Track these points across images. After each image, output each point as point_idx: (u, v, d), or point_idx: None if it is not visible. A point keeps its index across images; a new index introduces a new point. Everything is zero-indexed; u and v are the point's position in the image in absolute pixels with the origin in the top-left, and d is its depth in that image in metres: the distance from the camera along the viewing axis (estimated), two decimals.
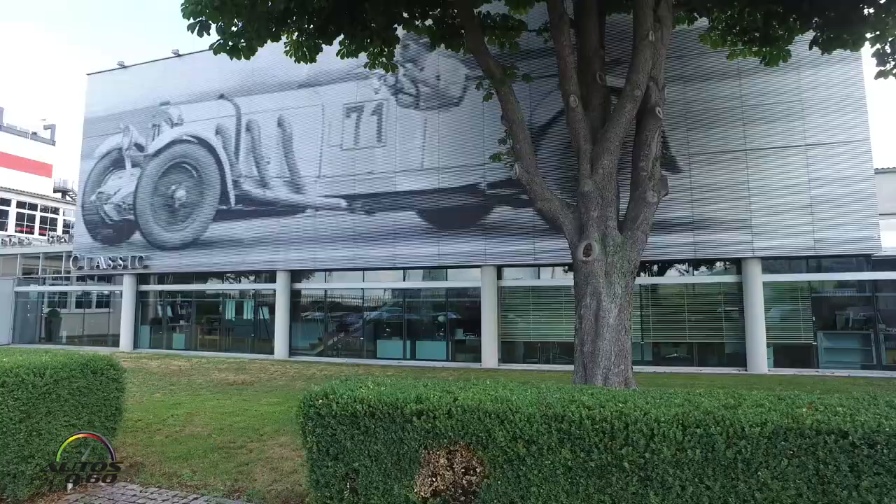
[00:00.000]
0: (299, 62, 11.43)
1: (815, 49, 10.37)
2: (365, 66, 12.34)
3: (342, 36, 11.04)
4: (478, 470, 3.43)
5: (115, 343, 19.82)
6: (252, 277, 18.39)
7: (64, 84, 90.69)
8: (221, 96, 18.31)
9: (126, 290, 19.40)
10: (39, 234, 28.92)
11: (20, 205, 30.37)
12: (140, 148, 19.38)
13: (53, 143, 42.76)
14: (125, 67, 20.14)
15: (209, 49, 9.39)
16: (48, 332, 22.21)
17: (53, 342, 21.72)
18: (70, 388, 5.15)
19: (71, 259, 19.86)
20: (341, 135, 16.57)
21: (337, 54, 11.48)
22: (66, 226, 32.57)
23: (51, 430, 5.00)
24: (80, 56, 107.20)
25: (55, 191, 40.93)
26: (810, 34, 10.66)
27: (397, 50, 16.12)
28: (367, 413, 3.64)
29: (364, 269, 16.41)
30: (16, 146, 38.06)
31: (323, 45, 11.21)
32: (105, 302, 22.86)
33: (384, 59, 12.09)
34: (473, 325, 15.77)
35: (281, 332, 16.92)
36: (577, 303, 8.69)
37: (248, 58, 9.27)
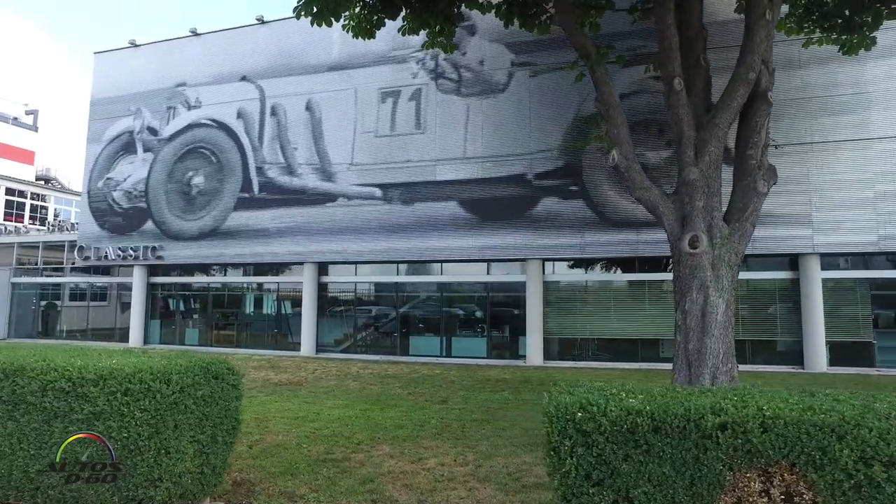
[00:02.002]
0: (357, 37, 10.68)
1: (876, 40, 10.04)
2: (423, 46, 11.60)
3: (405, 11, 10.35)
4: (805, 496, 2.79)
5: (123, 338, 18.70)
6: (276, 270, 17.44)
7: (42, 70, 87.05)
8: (244, 78, 17.32)
9: (136, 282, 18.30)
10: (29, 223, 27.41)
11: (9, 192, 28.78)
12: (153, 132, 18.28)
13: (36, 130, 40.90)
14: (136, 46, 18.98)
15: (293, 14, 8.58)
16: (45, 325, 20.94)
17: (51, 337, 20.46)
18: (195, 398, 4.35)
19: (76, 249, 18.67)
20: (376, 120, 15.76)
21: (399, 30, 10.75)
22: (55, 214, 31.01)
23: (178, 447, 4.20)
24: (55, 42, 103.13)
25: (37, 178, 39.16)
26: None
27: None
28: (650, 428, 2.97)
29: (400, 262, 15.66)
30: None
31: (386, 21, 10.56)
32: (101, 295, 21.67)
33: (443, 39, 11.36)
34: (515, 322, 15.17)
35: (308, 327, 16.07)
36: (680, 297, 8.10)
37: (329, 24, 8.50)
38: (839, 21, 10.55)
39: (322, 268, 16.47)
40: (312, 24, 8.40)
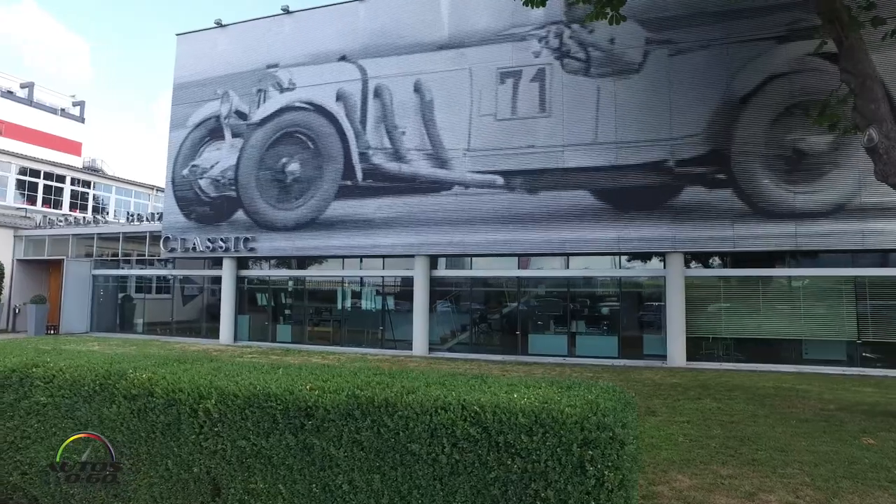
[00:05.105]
0: (527, 5, 9.67)
1: None
2: (587, 17, 10.43)
3: None
4: None
5: (210, 334, 17.90)
6: (378, 262, 16.42)
7: (77, 61, 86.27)
8: (343, 58, 16.26)
9: (226, 275, 17.42)
10: (93, 213, 26.71)
11: (73, 181, 28.10)
12: (242, 116, 17.31)
13: (83, 121, 40.55)
14: (223, 27, 17.99)
15: None
16: (122, 319, 20.22)
17: (128, 331, 19.73)
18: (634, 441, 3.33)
19: (162, 240, 17.82)
20: (495, 103, 14.64)
21: None
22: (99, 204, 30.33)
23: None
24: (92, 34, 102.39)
25: (84, 169, 38.77)
26: None
27: (561, 9, 14.32)
28: None
29: (524, 255, 14.60)
30: (45, 123, 35.80)
31: None
32: (165, 288, 20.88)
33: (609, 10, 10.22)
34: (650, 319, 14.12)
35: (420, 325, 15.08)
36: None
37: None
38: None
39: (433, 261, 15.45)
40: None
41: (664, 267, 13.60)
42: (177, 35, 18.57)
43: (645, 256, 14.05)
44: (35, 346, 6.03)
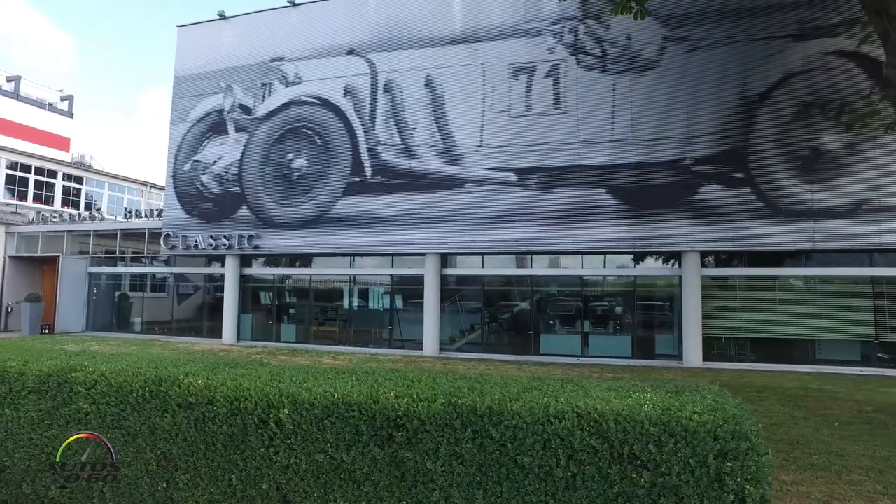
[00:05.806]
0: None
1: None
2: (612, 11, 10.24)
3: None
4: None
5: (211, 334, 17.47)
6: (387, 260, 16.10)
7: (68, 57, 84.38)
8: (351, 52, 15.90)
9: (229, 273, 16.99)
10: (86, 209, 25.90)
11: (65, 177, 27.33)
12: (246, 110, 16.88)
13: (71, 116, 39.65)
14: (226, 18, 17.52)
15: None
16: (119, 318, 19.67)
17: (125, 330, 19.21)
18: None
19: (162, 237, 17.32)
20: (508, 99, 14.39)
21: None
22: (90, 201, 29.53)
23: None
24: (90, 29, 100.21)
25: (76, 164, 37.93)
26: None
27: (576, 4, 14.14)
28: None
29: (538, 253, 14.38)
30: (32, 117, 34.90)
31: None
32: (164, 286, 20.42)
33: (634, 4, 10.04)
34: (664, 319, 13.99)
35: (430, 324, 14.79)
36: None
37: None
38: None
39: (444, 259, 15.18)
40: None
41: (680, 266, 13.47)
42: (178, 27, 18.08)
43: (660, 255, 13.90)
44: (61, 348, 5.68)
